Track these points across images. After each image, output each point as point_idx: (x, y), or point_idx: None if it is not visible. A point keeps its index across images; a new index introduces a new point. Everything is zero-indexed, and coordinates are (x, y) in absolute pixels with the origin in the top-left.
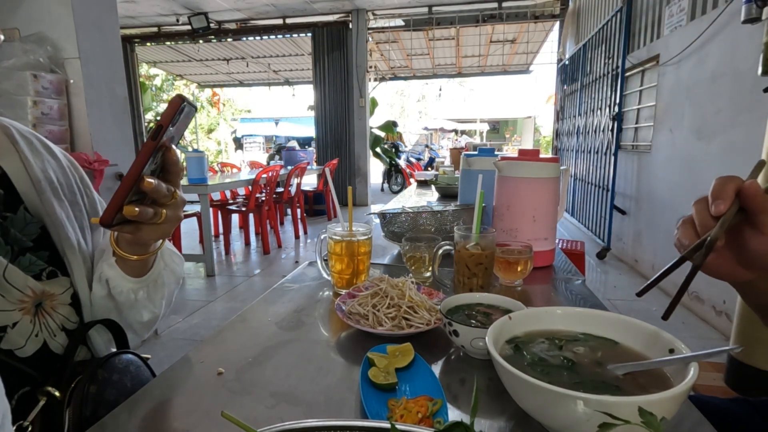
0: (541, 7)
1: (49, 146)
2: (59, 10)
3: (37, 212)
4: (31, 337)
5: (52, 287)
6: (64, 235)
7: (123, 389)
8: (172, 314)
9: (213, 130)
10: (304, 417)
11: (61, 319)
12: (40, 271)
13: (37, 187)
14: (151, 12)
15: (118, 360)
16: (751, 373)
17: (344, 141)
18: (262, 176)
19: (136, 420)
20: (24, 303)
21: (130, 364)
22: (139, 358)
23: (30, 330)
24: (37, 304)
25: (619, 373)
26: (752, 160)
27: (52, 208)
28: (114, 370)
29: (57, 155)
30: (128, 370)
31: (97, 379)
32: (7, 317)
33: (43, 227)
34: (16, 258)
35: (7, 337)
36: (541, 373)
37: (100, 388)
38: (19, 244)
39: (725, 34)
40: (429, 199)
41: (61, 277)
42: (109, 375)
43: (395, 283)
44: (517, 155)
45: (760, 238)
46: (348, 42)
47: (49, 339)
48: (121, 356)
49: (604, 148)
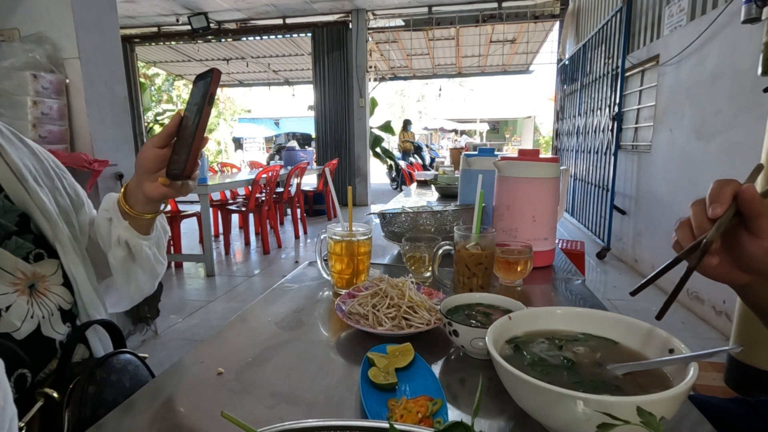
0: (541, 7)
1: (20, 136)
2: (59, 10)
3: (21, 200)
4: (27, 318)
5: (42, 268)
6: (51, 218)
7: (122, 389)
8: (171, 314)
9: (213, 131)
10: (304, 417)
11: (57, 299)
12: (27, 253)
13: (18, 176)
14: (151, 12)
15: (116, 360)
16: (751, 373)
17: (344, 141)
18: (262, 176)
19: (136, 420)
20: (17, 285)
21: (128, 364)
22: (137, 357)
23: (25, 311)
24: (30, 286)
25: (619, 373)
26: (752, 160)
27: (36, 194)
28: (112, 370)
29: (29, 144)
30: (126, 369)
31: (95, 379)
32: (5, 299)
33: (22, 215)
34: (2, 242)
35: (3, 320)
36: (541, 373)
37: (98, 388)
38: (4, 229)
39: (725, 34)
40: (429, 199)
41: (49, 260)
42: (108, 375)
43: (395, 283)
44: (517, 155)
45: (756, 241)
46: (348, 42)
47: (43, 321)
48: (119, 356)
49: (604, 148)
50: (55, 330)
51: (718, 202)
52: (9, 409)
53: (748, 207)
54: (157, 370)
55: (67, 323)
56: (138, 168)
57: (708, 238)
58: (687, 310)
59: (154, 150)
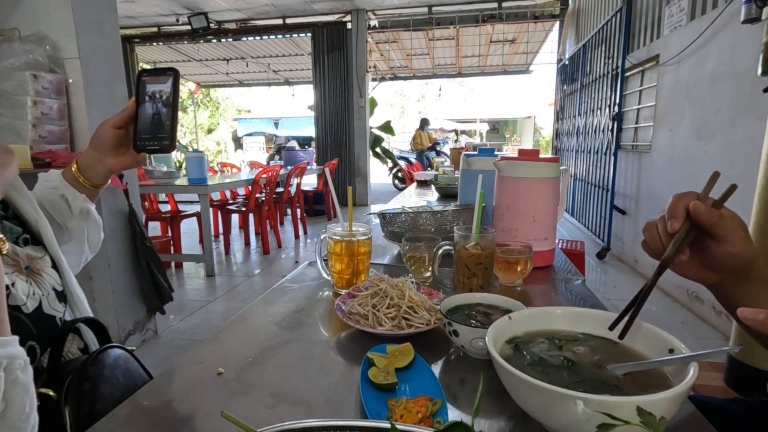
0: (541, 7)
1: None
2: (59, 10)
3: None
4: (30, 295)
5: (34, 251)
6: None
7: (116, 384)
8: (171, 314)
9: (213, 130)
10: (304, 417)
11: (50, 280)
12: (16, 237)
13: None
14: (151, 12)
15: (106, 355)
16: (751, 373)
17: (344, 141)
18: (262, 176)
19: (136, 420)
20: (15, 267)
21: (119, 358)
22: (126, 351)
23: (27, 289)
24: (26, 267)
25: (619, 373)
26: (752, 160)
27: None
28: (104, 365)
29: None
30: (118, 364)
31: (89, 376)
32: (8, 278)
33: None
34: None
35: (12, 295)
36: (541, 373)
37: (93, 384)
38: None
39: (725, 34)
40: (429, 199)
41: (36, 246)
42: (101, 371)
43: (395, 283)
44: (517, 155)
45: (717, 245)
46: (348, 42)
47: (43, 298)
48: (109, 351)
49: (604, 148)
50: (53, 308)
51: (674, 217)
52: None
53: (700, 220)
54: (157, 370)
55: (62, 302)
56: (99, 145)
57: (665, 255)
58: (687, 310)
59: (114, 130)
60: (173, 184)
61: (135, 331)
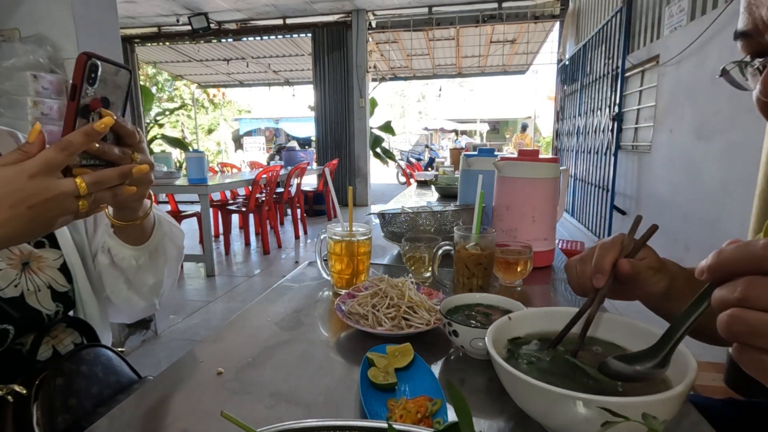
0: (541, 8)
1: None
2: (59, 10)
3: None
4: (11, 284)
5: (42, 252)
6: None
7: (95, 379)
8: (171, 314)
9: (213, 131)
10: (304, 417)
11: (48, 278)
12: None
13: None
14: (151, 12)
15: (85, 353)
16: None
17: (344, 141)
18: (262, 176)
19: (136, 419)
20: (11, 260)
21: (100, 356)
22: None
23: (11, 278)
24: (24, 263)
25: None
26: (752, 160)
27: None
28: (82, 362)
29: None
30: (98, 361)
31: (63, 371)
32: None
33: None
34: None
35: None
36: (540, 374)
37: (68, 380)
38: None
39: (725, 35)
40: (429, 199)
41: (50, 249)
42: (77, 366)
43: (395, 283)
44: (516, 155)
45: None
46: (348, 42)
47: (27, 292)
48: (89, 349)
49: (604, 148)
50: (41, 304)
51: (601, 273)
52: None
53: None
54: (157, 370)
55: (57, 302)
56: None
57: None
58: None
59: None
60: (173, 185)
61: (135, 331)
